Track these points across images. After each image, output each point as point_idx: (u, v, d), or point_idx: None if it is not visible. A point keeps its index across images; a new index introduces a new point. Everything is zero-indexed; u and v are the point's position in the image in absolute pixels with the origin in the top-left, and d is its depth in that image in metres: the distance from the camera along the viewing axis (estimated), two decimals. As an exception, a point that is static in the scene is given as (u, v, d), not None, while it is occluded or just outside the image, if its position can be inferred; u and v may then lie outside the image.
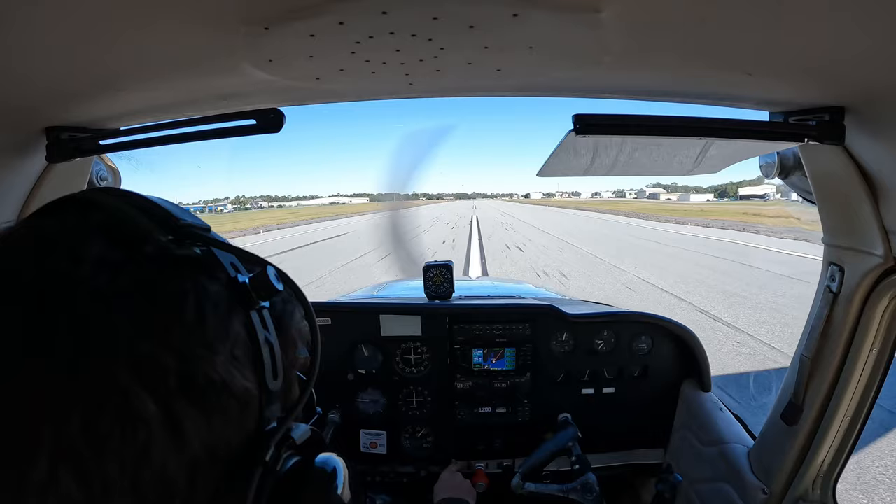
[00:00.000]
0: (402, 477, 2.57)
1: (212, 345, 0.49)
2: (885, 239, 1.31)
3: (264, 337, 0.55)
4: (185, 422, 0.45)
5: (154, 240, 0.51)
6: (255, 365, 0.54)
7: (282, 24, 0.87)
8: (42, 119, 1.29)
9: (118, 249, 0.48)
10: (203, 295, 0.51)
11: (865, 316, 1.44)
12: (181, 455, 0.45)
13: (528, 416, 2.55)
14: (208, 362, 0.48)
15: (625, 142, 1.32)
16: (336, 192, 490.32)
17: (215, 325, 0.50)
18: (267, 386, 0.55)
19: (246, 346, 0.53)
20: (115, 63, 1.03)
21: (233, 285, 0.55)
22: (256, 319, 0.55)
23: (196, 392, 0.46)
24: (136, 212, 0.54)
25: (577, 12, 0.86)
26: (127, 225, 0.52)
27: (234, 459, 0.51)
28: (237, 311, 0.54)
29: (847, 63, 1.00)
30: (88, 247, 0.47)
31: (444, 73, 1.15)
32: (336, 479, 0.62)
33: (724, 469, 2.00)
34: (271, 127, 1.21)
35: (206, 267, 0.54)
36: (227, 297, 0.53)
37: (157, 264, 0.50)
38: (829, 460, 1.65)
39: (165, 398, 0.44)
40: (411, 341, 2.53)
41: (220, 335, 0.50)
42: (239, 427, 0.52)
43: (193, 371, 0.46)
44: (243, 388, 0.51)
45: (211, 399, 0.48)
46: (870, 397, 1.54)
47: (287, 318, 0.64)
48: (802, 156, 1.47)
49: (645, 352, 2.53)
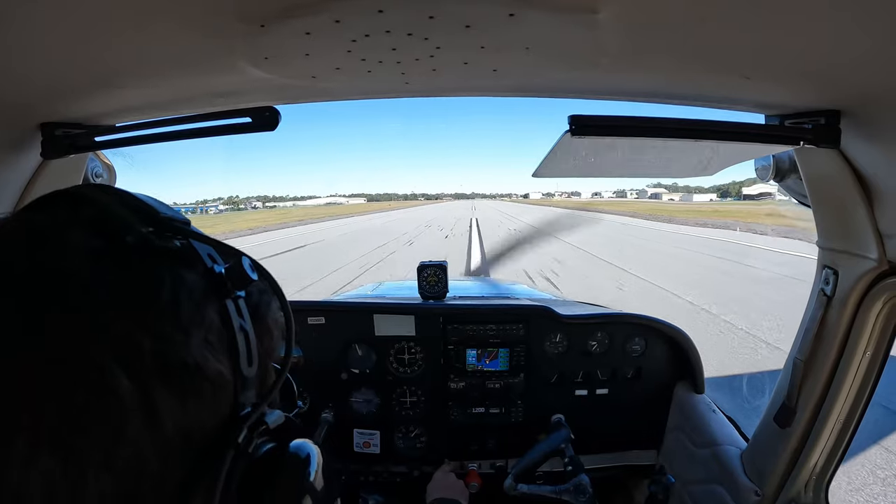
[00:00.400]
0: (395, 477, 2.57)
1: (186, 329, 0.51)
2: (880, 243, 1.31)
3: (239, 325, 0.57)
4: (158, 401, 0.46)
5: (135, 231, 0.54)
6: (230, 351, 0.55)
7: (278, 21, 0.87)
8: (37, 115, 1.29)
9: (101, 239, 0.50)
10: (179, 282, 0.53)
11: (859, 319, 1.45)
12: (155, 434, 0.46)
13: (521, 417, 2.55)
14: (182, 345, 0.50)
15: (621, 143, 1.33)
16: (334, 193, 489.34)
17: (189, 310, 0.52)
18: (241, 372, 0.56)
19: (220, 333, 0.55)
20: (111, 60, 1.03)
21: (209, 275, 0.57)
22: (232, 308, 0.57)
23: (170, 372, 0.48)
24: (119, 206, 0.56)
25: (573, 13, 0.86)
26: (111, 218, 0.54)
27: (207, 442, 0.52)
28: (212, 298, 0.56)
29: (843, 66, 1.00)
30: (73, 237, 0.50)
31: (441, 73, 1.15)
32: (309, 466, 0.64)
33: (717, 471, 2.00)
34: (266, 125, 1.21)
35: (183, 257, 0.56)
36: (203, 286, 0.55)
37: (136, 253, 0.52)
38: (821, 463, 1.65)
39: (140, 376, 0.45)
40: (405, 341, 2.53)
41: (195, 320, 0.52)
42: (212, 410, 0.53)
43: (167, 352, 0.48)
44: (217, 372, 0.53)
45: (184, 380, 0.49)
46: (863, 400, 1.54)
47: (263, 308, 0.65)
48: (798, 159, 1.48)
49: (638, 353, 2.53)
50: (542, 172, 1.54)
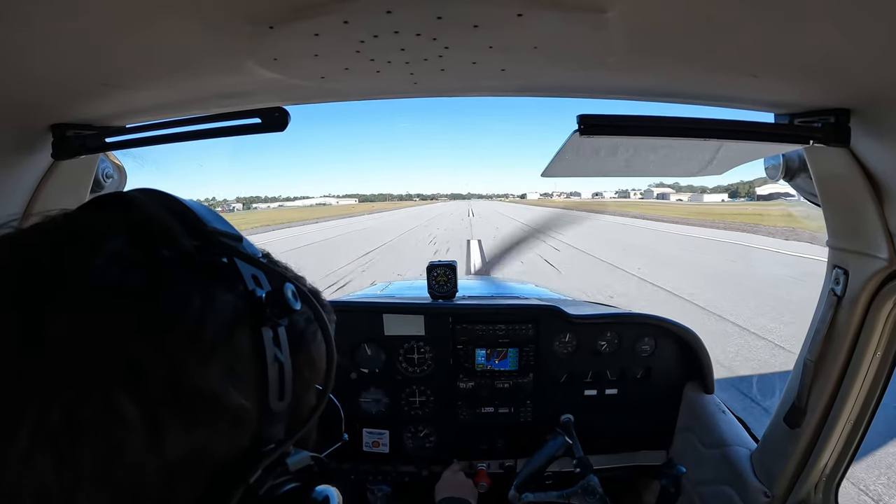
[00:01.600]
0: (404, 476, 2.57)
1: (207, 356, 0.48)
2: (890, 242, 1.30)
3: (273, 355, 0.54)
4: (165, 427, 0.44)
5: (177, 244, 0.52)
6: (259, 383, 0.53)
7: (286, 22, 0.87)
8: (48, 116, 1.30)
9: (137, 249, 0.49)
10: (208, 304, 0.50)
11: (869, 319, 1.44)
12: (157, 459, 0.44)
13: (530, 417, 2.56)
14: (200, 373, 0.47)
15: (629, 143, 1.32)
16: (328, 193, 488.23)
17: (215, 336, 0.49)
18: (269, 405, 0.53)
19: (250, 363, 0.52)
20: (121, 61, 1.04)
21: (248, 298, 0.54)
22: (268, 336, 0.54)
23: (181, 400, 0.46)
24: (167, 214, 0.54)
25: (582, 12, 0.86)
26: (154, 226, 0.52)
27: (218, 474, 0.50)
28: (246, 324, 0.52)
29: (853, 65, 1.00)
30: (109, 242, 0.48)
31: (449, 73, 1.15)
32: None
33: (727, 472, 1.99)
34: (276, 126, 1.21)
35: (223, 276, 0.54)
36: (238, 310, 0.52)
37: (170, 268, 0.50)
38: (831, 464, 1.64)
39: (148, 402, 0.43)
40: (414, 341, 2.53)
41: (219, 347, 0.50)
42: (228, 442, 0.50)
43: (181, 380, 0.46)
44: (238, 405, 0.50)
45: (198, 410, 0.47)
46: (873, 401, 1.53)
47: (308, 338, 0.63)
48: (807, 158, 1.47)
49: (648, 353, 2.52)
50: (551, 172, 1.54)
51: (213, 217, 0.58)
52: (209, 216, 0.57)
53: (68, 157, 1.36)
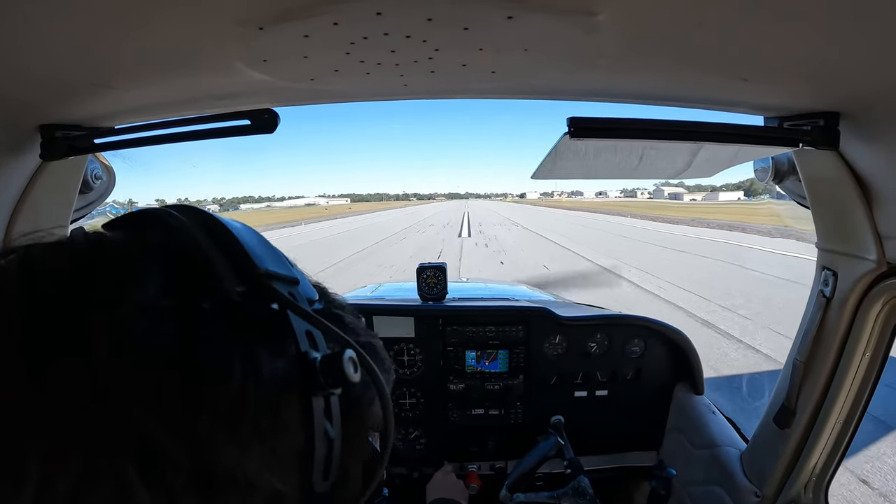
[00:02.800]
0: (394, 478, 2.57)
1: (245, 442, 0.41)
2: (879, 244, 1.31)
3: (323, 429, 0.47)
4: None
5: (221, 290, 0.44)
6: (300, 462, 0.46)
7: (276, 24, 0.87)
8: (36, 117, 1.29)
9: (171, 297, 0.41)
10: (253, 371, 0.43)
11: (858, 320, 1.45)
12: None
13: (520, 418, 2.56)
14: (234, 459, 0.40)
15: (619, 145, 1.33)
16: (324, 193, 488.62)
17: (256, 413, 0.42)
18: (312, 488, 0.47)
19: (295, 440, 0.45)
20: (110, 61, 1.03)
21: (300, 362, 0.46)
22: (319, 407, 0.47)
23: (210, 488, 0.39)
24: (214, 248, 0.46)
25: (572, 15, 0.86)
26: (198, 266, 0.45)
27: None
28: (294, 395, 0.46)
29: (842, 69, 1.00)
30: (141, 285, 0.41)
31: (439, 75, 1.15)
32: None
33: (717, 472, 2.00)
34: (265, 127, 1.21)
35: (272, 334, 0.46)
36: (287, 377, 0.45)
37: (210, 323, 0.42)
38: (821, 464, 1.65)
39: (168, 490, 0.37)
40: (404, 343, 2.53)
41: (260, 429, 0.42)
42: None
43: (211, 467, 0.39)
44: (275, 492, 0.43)
45: (227, 498, 0.40)
46: (862, 402, 1.54)
47: (364, 405, 0.56)
48: (797, 160, 1.48)
49: (638, 355, 2.53)
50: (542, 174, 1.55)
51: (265, 252, 0.51)
52: (262, 252, 0.50)
53: (57, 157, 1.35)
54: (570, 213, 68.22)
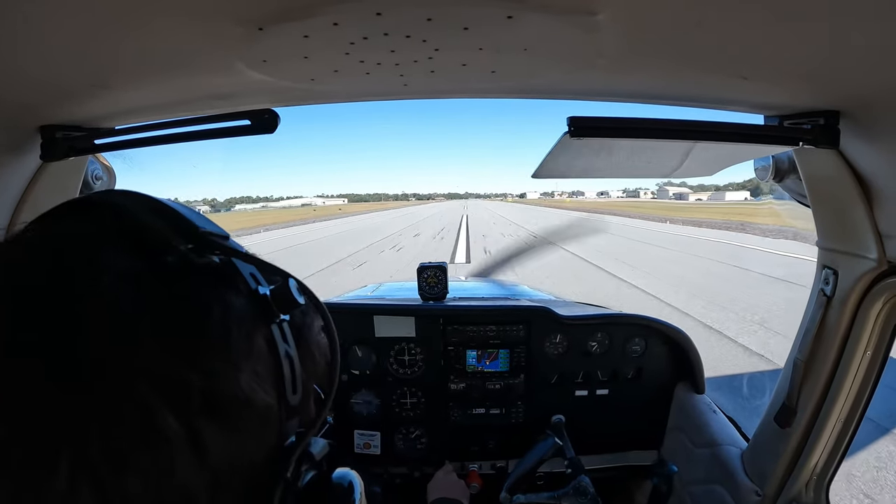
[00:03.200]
0: (395, 478, 2.57)
1: (237, 362, 0.48)
2: (879, 243, 1.31)
3: (284, 351, 0.54)
4: (207, 439, 0.44)
5: (175, 249, 0.50)
6: (275, 380, 0.53)
7: (276, 24, 0.87)
8: (37, 118, 1.29)
9: (140, 260, 0.47)
10: (227, 309, 0.50)
11: (859, 319, 1.45)
12: (203, 472, 0.44)
13: (521, 418, 2.56)
14: (232, 379, 0.47)
15: (620, 144, 1.33)
16: (322, 193, 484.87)
17: (239, 340, 0.49)
18: (287, 400, 0.54)
19: (267, 361, 0.52)
20: (110, 62, 1.03)
21: (254, 298, 0.54)
22: (277, 333, 0.54)
23: (219, 409, 0.45)
24: (156, 218, 0.52)
25: (572, 15, 0.86)
26: (148, 232, 0.50)
27: (255, 476, 0.50)
28: (259, 324, 0.53)
29: (842, 67, 1.00)
30: (109, 257, 0.46)
31: (439, 74, 1.15)
32: (353, 494, 0.63)
33: (718, 471, 2.00)
34: (265, 128, 1.21)
35: (227, 278, 0.53)
36: (250, 311, 0.52)
37: (179, 276, 0.49)
38: (822, 463, 1.65)
39: (188, 415, 0.43)
40: (405, 342, 2.53)
41: (244, 351, 0.50)
42: (260, 443, 0.51)
43: (217, 388, 0.46)
44: (265, 404, 0.51)
45: (233, 416, 0.47)
46: (863, 401, 1.54)
47: (306, 331, 0.62)
48: (797, 159, 1.48)
49: (638, 354, 2.53)
50: (542, 173, 1.55)
51: (198, 218, 0.56)
52: (196, 218, 0.56)
53: (57, 158, 1.35)
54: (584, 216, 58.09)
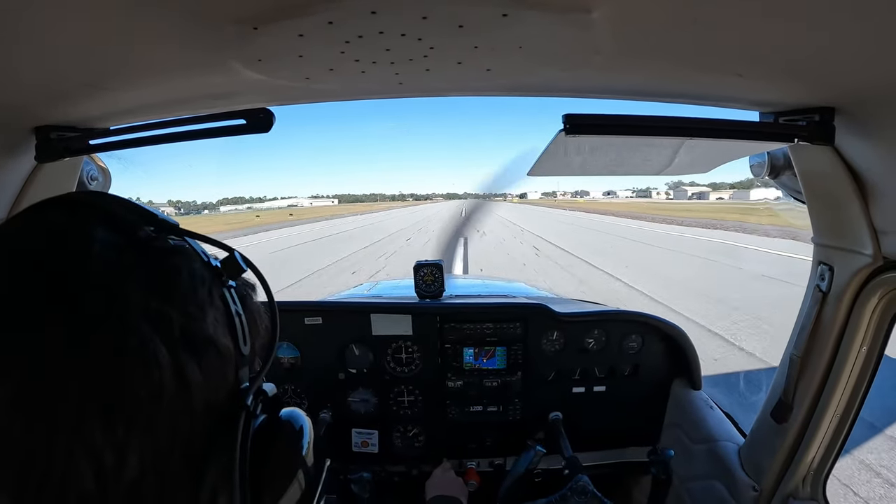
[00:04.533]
0: (393, 476, 2.57)
1: (203, 308, 0.59)
2: (875, 238, 1.32)
3: (235, 310, 0.65)
4: (187, 370, 0.54)
5: (143, 230, 0.61)
6: (230, 330, 0.63)
7: (271, 23, 0.87)
8: (31, 118, 1.28)
9: (119, 235, 0.57)
10: (191, 270, 0.61)
11: (855, 315, 1.45)
12: (185, 400, 0.54)
13: (519, 415, 2.56)
14: (202, 322, 0.58)
15: (616, 141, 1.33)
16: (317, 194, 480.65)
17: (203, 293, 0.60)
18: (241, 349, 0.64)
19: (224, 315, 0.63)
20: (104, 62, 1.03)
21: (208, 266, 0.65)
22: (228, 295, 0.65)
23: (195, 346, 0.56)
24: (122, 209, 0.62)
25: (567, 13, 0.86)
26: (119, 218, 0.60)
27: (221, 408, 0.60)
28: (216, 286, 0.63)
29: (837, 64, 1.00)
30: (96, 232, 0.55)
31: (434, 73, 1.15)
32: (303, 438, 0.71)
33: (715, 467, 2.01)
34: (261, 127, 1.20)
35: (185, 252, 0.63)
36: (206, 274, 0.63)
37: (149, 247, 0.59)
38: (818, 458, 1.66)
39: (174, 347, 0.53)
40: (402, 340, 2.53)
41: (208, 302, 0.60)
42: (223, 380, 0.61)
43: (192, 327, 0.56)
44: (226, 347, 0.61)
45: (204, 353, 0.57)
46: (859, 396, 1.55)
47: (248, 299, 0.72)
48: (792, 156, 1.48)
49: (635, 350, 2.54)
50: (538, 171, 1.55)
51: (153, 209, 0.67)
52: (151, 209, 0.66)
53: (52, 159, 1.35)
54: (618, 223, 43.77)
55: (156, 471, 0.51)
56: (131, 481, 0.49)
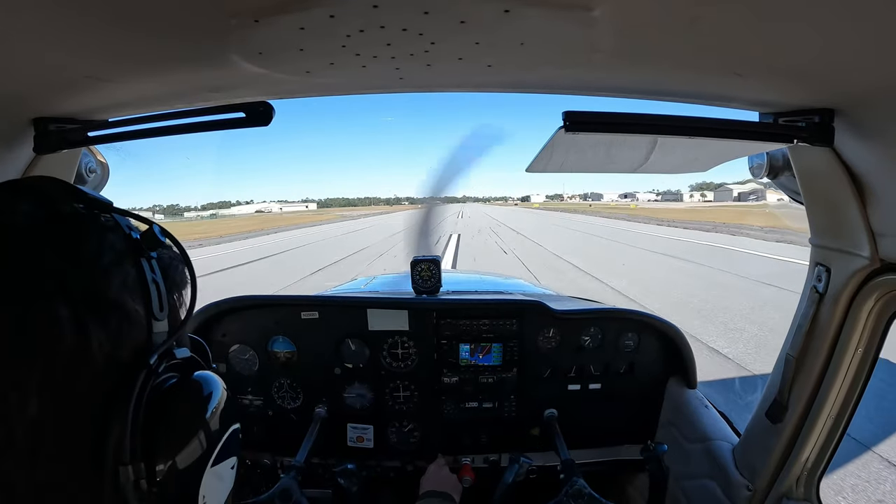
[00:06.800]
0: (388, 471, 2.57)
1: (108, 273, 0.66)
2: (872, 240, 1.32)
3: (151, 278, 0.71)
4: (88, 326, 0.60)
5: (68, 204, 0.69)
6: (143, 297, 0.69)
7: (271, 16, 0.87)
8: (30, 110, 1.28)
9: (41, 208, 0.65)
10: (102, 240, 0.68)
11: (851, 316, 1.46)
12: (84, 352, 0.60)
13: (514, 412, 2.56)
14: (105, 284, 0.65)
15: (615, 139, 1.33)
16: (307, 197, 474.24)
17: (111, 260, 0.67)
18: (154, 314, 0.70)
19: (136, 282, 0.69)
20: (104, 54, 1.02)
21: (127, 238, 0.72)
22: (146, 265, 0.71)
23: (96, 304, 0.63)
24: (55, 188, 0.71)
25: (568, 10, 0.86)
26: (46, 196, 0.68)
27: (125, 365, 0.65)
28: (130, 255, 0.70)
29: (837, 66, 1.01)
30: (21, 205, 0.65)
31: (435, 68, 1.15)
32: (209, 402, 0.74)
33: (709, 466, 2.01)
34: (260, 120, 1.20)
35: (106, 225, 0.71)
36: (123, 245, 0.70)
37: (69, 219, 0.68)
38: (813, 458, 1.66)
39: (74, 304, 0.59)
40: (398, 336, 2.53)
41: (114, 268, 0.67)
42: (129, 339, 0.67)
43: (95, 288, 0.64)
44: (133, 310, 0.67)
45: (107, 312, 0.64)
46: (854, 397, 1.55)
47: (171, 270, 0.79)
48: (791, 156, 1.48)
49: (631, 348, 2.54)
50: (536, 168, 1.55)
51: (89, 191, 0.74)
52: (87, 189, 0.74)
53: (50, 151, 1.34)
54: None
55: (56, 413, 0.58)
56: (33, 420, 0.56)
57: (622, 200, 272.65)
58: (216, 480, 0.76)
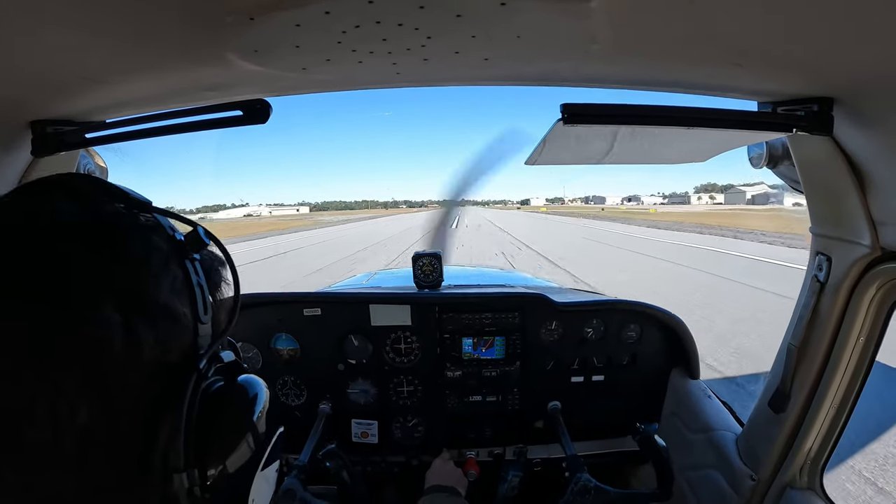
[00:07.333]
0: (393, 466, 2.58)
1: (157, 277, 0.64)
2: (872, 229, 1.32)
3: (196, 280, 0.70)
4: (137, 329, 0.58)
5: (111, 205, 0.67)
6: (190, 300, 0.68)
7: (267, 13, 0.87)
8: (27, 112, 1.28)
9: (83, 208, 0.63)
10: (149, 242, 0.66)
11: (852, 305, 1.46)
12: (135, 357, 0.58)
13: (517, 405, 2.57)
14: (154, 287, 0.63)
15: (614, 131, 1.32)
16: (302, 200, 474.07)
17: (158, 263, 0.65)
18: (199, 317, 0.69)
19: (183, 284, 0.68)
20: (100, 55, 1.02)
21: (172, 240, 0.70)
22: (190, 267, 0.70)
23: (145, 307, 0.61)
24: (96, 189, 0.69)
25: (565, 1, 0.86)
26: (86, 194, 0.67)
27: (174, 368, 0.64)
28: (175, 257, 0.68)
29: (836, 54, 1.00)
30: (64, 208, 0.62)
31: (432, 63, 1.14)
32: (255, 405, 0.73)
33: (713, 456, 2.02)
34: (258, 118, 1.20)
35: (150, 226, 0.69)
36: (168, 247, 0.68)
37: (111, 217, 0.65)
38: (816, 447, 1.66)
39: (124, 308, 0.58)
40: (401, 331, 2.53)
41: (163, 271, 0.65)
42: (178, 342, 0.66)
43: (144, 291, 0.62)
44: (182, 313, 0.66)
45: (156, 315, 0.62)
46: (856, 385, 1.55)
47: (213, 272, 0.78)
48: (791, 146, 1.48)
49: (634, 340, 2.54)
50: (534, 160, 1.55)
51: (130, 190, 0.72)
52: (127, 189, 0.72)
53: (48, 153, 1.34)
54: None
55: (107, 420, 0.56)
56: (82, 427, 0.54)
57: (627, 204, 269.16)
58: (265, 484, 0.77)
